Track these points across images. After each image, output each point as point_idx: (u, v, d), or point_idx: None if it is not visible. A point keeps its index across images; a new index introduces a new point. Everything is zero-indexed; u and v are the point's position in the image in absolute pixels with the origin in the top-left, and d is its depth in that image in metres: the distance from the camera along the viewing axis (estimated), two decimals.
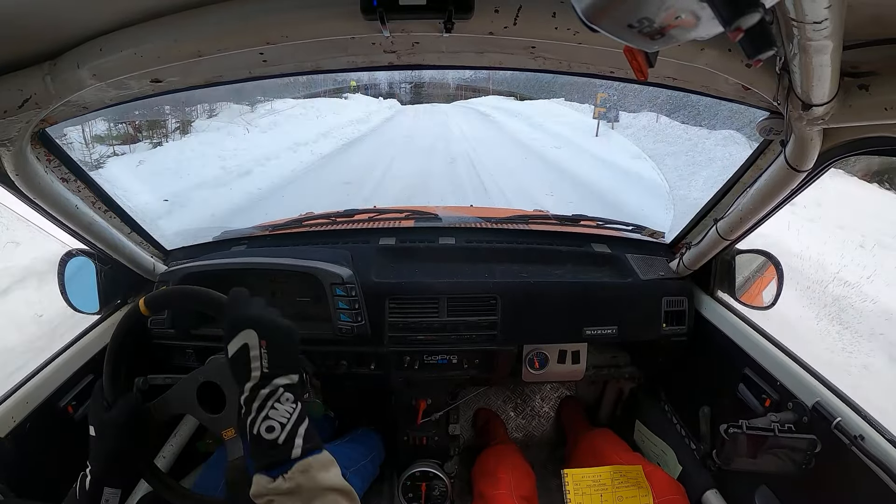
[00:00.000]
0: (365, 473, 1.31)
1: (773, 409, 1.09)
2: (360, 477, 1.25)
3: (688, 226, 1.41)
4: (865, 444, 0.88)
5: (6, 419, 0.97)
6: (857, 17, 0.56)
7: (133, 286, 1.34)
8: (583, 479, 0.94)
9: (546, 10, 0.64)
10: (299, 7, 0.64)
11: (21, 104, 0.71)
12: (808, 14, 0.47)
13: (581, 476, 0.94)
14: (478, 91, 20.50)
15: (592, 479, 0.95)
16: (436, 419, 1.55)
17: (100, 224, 1.11)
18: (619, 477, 0.95)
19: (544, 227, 1.64)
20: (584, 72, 0.91)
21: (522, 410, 1.96)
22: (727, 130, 8.34)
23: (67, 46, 0.69)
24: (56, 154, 0.95)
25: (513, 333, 1.34)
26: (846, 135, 0.82)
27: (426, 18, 0.64)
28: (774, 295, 1.28)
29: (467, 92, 20.46)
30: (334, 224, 1.57)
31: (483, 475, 1.40)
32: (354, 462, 1.28)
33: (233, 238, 1.56)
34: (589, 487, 0.93)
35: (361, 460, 1.34)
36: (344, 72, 0.94)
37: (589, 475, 0.95)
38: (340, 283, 1.24)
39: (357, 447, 1.39)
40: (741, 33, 0.29)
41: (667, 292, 1.38)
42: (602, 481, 0.94)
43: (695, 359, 1.44)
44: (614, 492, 0.93)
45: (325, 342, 1.29)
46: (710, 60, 0.70)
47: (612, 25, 0.33)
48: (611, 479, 0.94)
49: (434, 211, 1.69)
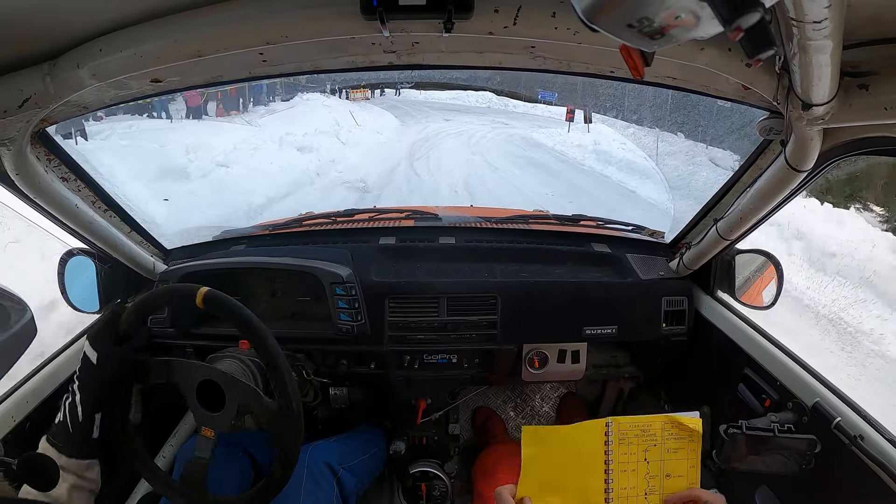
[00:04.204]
0: (360, 470, 1.29)
1: (773, 409, 1.09)
2: (354, 474, 1.22)
3: (688, 226, 1.41)
4: (865, 443, 0.88)
5: (6, 419, 0.97)
6: (857, 16, 0.56)
7: (133, 286, 1.34)
8: (630, 428, 0.75)
9: (546, 10, 0.64)
10: (299, 7, 0.64)
11: (21, 104, 0.71)
12: (807, 13, 0.47)
13: (629, 425, 0.75)
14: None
15: (642, 427, 0.75)
16: (436, 419, 1.55)
17: (100, 223, 1.11)
18: (671, 428, 0.76)
19: (544, 226, 1.64)
20: (584, 71, 0.91)
21: (522, 410, 1.96)
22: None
23: (67, 46, 0.69)
24: (56, 153, 0.95)
25: (513, 333, 1.34)
26: (846, 135, 0.82)
27: (426, 18, 0.64)
28: (774, 295, 1.28)
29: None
30: (334, 224, 1.57)
31: (482, 475, 1.40)
32: (348, 459, 1.26)
33: (233, 237, 1.56)
34: (637, 437, 0.75)
35: (357, 457, 1.32)
36: (344, 72, 0.94)
37: (638, 423, 0.75)
38: (340, 283, 1.24)
39: (354, 444, 1.38)
40: (741, 33, 0.29)
41: (667, 292, 1.38)
42: (652, 430, 0.76)
43: (695, 359, 1.44)
44: (664, 443, 0.76)
45: (324, 342, 1.29)
46: (710, 60, 0.70)
47: (612, 25, 0.33)
48: (661, 429, 0.76)
49: (434, 210, 1.69)
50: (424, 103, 18.14)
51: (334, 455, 1.21)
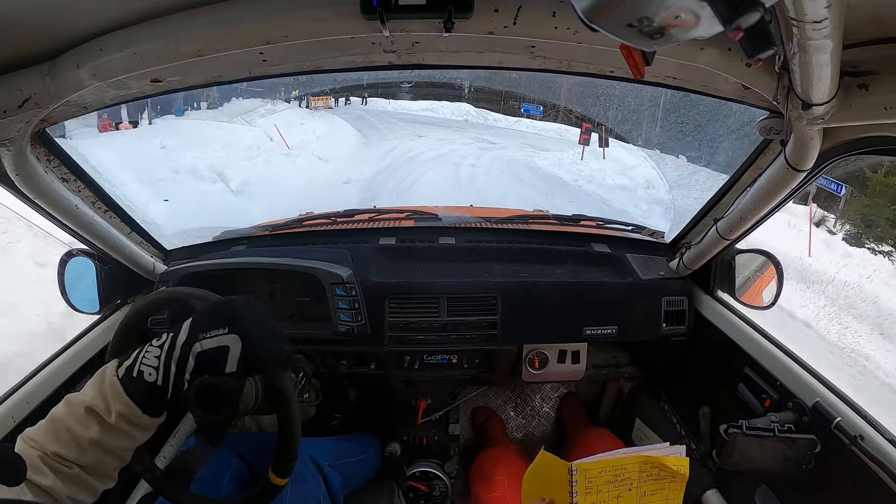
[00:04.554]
0: (348, 472, 1.28)
1: (773, 409, 1.09)
2: (341, 473, 1.22)
3: (688, 225, 1.41)
4: (865, 443, 0.88)
5: (6, 419, 0.97)
6: (857, 16, 0.56)
7: (133, 286, 1.34)
8: (599, 474, 0.71)
9: (546, 10, 0.64)
10: (299, 7, 0.64)
11: (21, 104, 0.71)
12: (807, 13, 0.47)
13: (597, 470, 0.71)
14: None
15: (613, 472, 0.72)
16: (436, 419, 1.55)
17: (100, 224, 1.11)
18: (650, 470, 0.72)
19: (544, 226, 1.64)
20: (584, 71, 0.91)
21: (522, 410, 1.96)
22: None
23: (67, 46, 0.68)
24: (56, 154, 0.95)
25: (513, 333, 1.34)
26: (846, 134, 0.82)
27: (426, 18, 0.64)
28: (774, 294, 1.28)
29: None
30: (334, 224, 1.57)
31: (479, 477, 1.40)
32: (337, 457, 1.25)
33: (233, 238, 1.56)
34: (607, 484, 0.71)
35: (347, 457, 1.31)
36: (344, 71, 0.94)
37: (609, 467, 0.72)
38: (340, 283, 1.24)
39: (347, 446, 1.37)
40: (741, 32, 0.29)
41: (667, 292, 1.38)
42: (626, 474, 0.72)
43: (695, 358, 1.44)
44: (640, 486, 0.72)
45: (325, 342, 1.29)
46: (710, 60, 0.70)
47: (612, 25, 0.33)
48: (638, 471, 0.72)
49: (434, 211, 1.69)
50: (394, 114, 15.59)
51: (321, 452, 1.20)
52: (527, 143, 10.85)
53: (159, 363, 0.65)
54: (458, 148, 9.61)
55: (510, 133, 13.50)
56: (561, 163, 8.88)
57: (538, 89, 13.72)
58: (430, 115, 16.38)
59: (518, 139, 12.08)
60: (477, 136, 12.13)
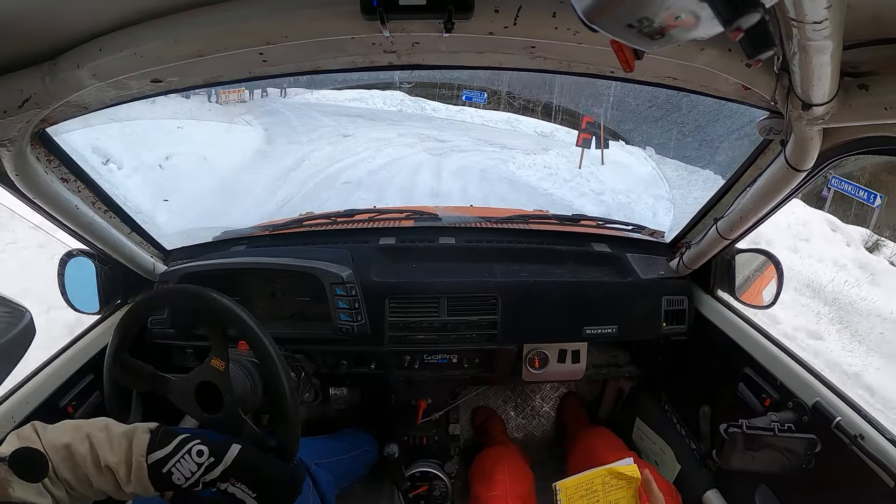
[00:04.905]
0: (338, 470, 1.27)
1: (773, 409, 1.09)
2: (331, 471, 1.21)
3: (688, 225, 1.41)
4: (865, 443, 0.88)
5: (6, 419, 0.97)
6: (857, 16, 0.56)
7: (133, 286, 1.34)
8: (576, 490, 0.88)
9: (546, 10, 0.64)
10: (299, 7, 0.64)
11: (21, 104, 0.71)
12: (807, 14, 0.47)
13: (574, 487, 0.88)
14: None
15: (585, 487, 0.89)
16: (436, 419, 1.55)
17: (100, 224, 1.11)
18: (610, 480, 0.89)
19: (544, 226, 1.64)
20: (584, 72, 0.91)
21: (522, 410, 1.96)
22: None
23: (67, 46, 0.68)
24: (56, 154, 0.95)
25: (513, 333, 1.34)
26: (846, 134, 0.82)
27: (426, 18, 0.64)
28: (774, 294, 1.28)
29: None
30: (334, 224, 1.57)
31: (479, 476, 1.40)
32: (325, 456, 1.25)
33: (233, 238, 1.56)
34: (581, 498, 0.88)
35: (337, 455, 1.31)
36: (344, 72, 0.94)
37: (582, 483, 0.89)
38: (340, 283, 1.24)
39: (336, 444, 1.37)
40: (741, 33, 0.29)
41: (667, 292, 1.38)
42: (594, 487, 0.89)
43: (695, 358, 1.44)
44: (605, 496, 0.89)
45: (325, 342, 1.29)
46: (710, 60, 0.70)
47: (612, 25, 0.33)
48: (602, 483, 0.89)
49: (434, 211, 1.69)
50: (315, 106, 12.67)
51: (307, 451, 1.19)
52: (484, 140, 8.50)
53: (192, 478, 0.69)
54: (402, 154, 6.48)
55: (454, 125, 10.93)
56: (552, 175, 6.81)
57: (481, 76, 10.75)
58: (358, 105, 13.45)
59: (460, 131, 9.73)
60: (418, 131, 9.61)
